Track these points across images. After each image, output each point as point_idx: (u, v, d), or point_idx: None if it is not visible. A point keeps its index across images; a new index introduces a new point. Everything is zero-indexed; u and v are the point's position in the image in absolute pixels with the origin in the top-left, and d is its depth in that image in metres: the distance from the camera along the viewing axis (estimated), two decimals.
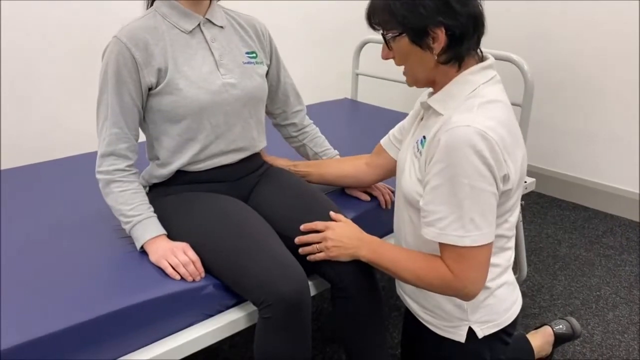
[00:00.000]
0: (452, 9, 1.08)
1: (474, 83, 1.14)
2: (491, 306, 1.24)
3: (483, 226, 1.08)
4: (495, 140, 1.05)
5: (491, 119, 1.08)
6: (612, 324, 2.00)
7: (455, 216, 1.07)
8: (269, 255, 1.22)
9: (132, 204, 1.30)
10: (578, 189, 2.92)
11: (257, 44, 1.48)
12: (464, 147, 1.04)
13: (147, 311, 1.16)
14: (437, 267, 1.14)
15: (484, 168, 1.05)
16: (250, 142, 1.45)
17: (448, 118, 1.10)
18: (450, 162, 1.05)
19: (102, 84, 1.30)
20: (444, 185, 1.07)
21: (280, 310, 1.17)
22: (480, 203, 1.07)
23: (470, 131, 1.04)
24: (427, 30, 1.09)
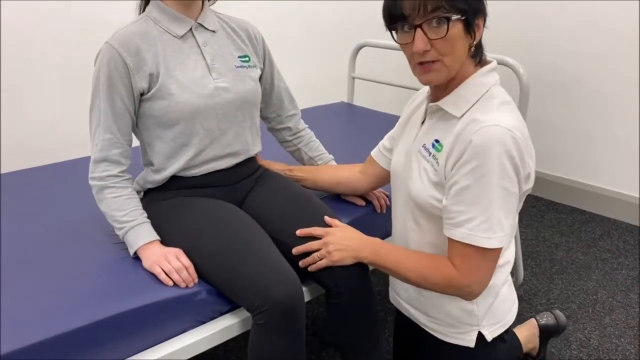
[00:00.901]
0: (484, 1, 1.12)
1: (486, 84, 1.15)
2: (498, 307, 1.26)
3: (506, 228, 1.09)
4: (521, 140, 1.07)
5: (513, 118, 1.09)
6: (609, 328, 1.99)
7: (484, 217, 1.07)
8: (262, 261, 1.21)
9: (126, 210, 1.29)
10: (575, 192, 2.92)
11: (249, 48, 1.47)
12: (495, 146, 1.04)
13: (141, 317, 1.15)
14: (442, 266, 1.14)
15: (512, 169, 1.06)
16: (244, 146, 1.44)
17: (471, 119, 1.10)
18: (482, 162, 1.05)
19: (94, 90, 1.29)
20: (475, 185, 1.07)
21: (275, 316, 1.16)
22: (507, 204, 1.08)
23: (500, 131, 1.05)
24: (478, 18, 1.10)
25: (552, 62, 2.85)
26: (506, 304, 1.29)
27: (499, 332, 1.28)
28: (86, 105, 1.32)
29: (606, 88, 2.71)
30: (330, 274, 1.27)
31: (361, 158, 1.58)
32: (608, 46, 2.65)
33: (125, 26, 1.31)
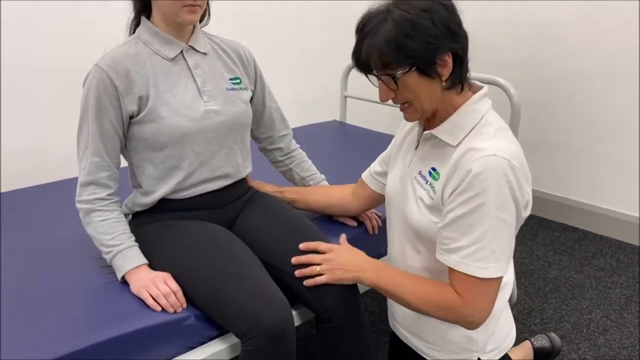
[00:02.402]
0: (454, 32, 1.09)
1: (480, 111, 1.15)
2: (498, 332, 1.26)
3: (502, 258, 1.09)
4: (518, 169, 1.06)
5: (511, 146, 1.09)
6: (603, 349, 1.98)
7: (478, 246, 1.07)
8: (252, 286, 1.19)
9: (113, 234, 1.28)
10: (568, 210, 2.92)
11: (241, 69, 1.47)
12: (494, 177, 1.05)
13: (128, 343, 1.13)
14: (445, 293, 1.13)
15: (510, 200, 1.06)
16: (235, 168, 1.43)
17: (468, 148, 1.09)
18: (480, 192, 1.05)
19: (82, 112, 1.28)
20: (471, 214, 1.07)
21: (264, 342, 1.14)
22: (503, 235, 1.08)
23: (499, 161, 1.05)
24: (436, 58, 1.08)
25: (543, 82, 2.86)
26: (505, 328, 1.29)
27: (498, 357, 1.27)
28: (74, 126, 1.30)
29: (597, 107, 2.72)
30: (320, 298, 1.26)
31: (353, 177, 1.57)
32: (599, 66, 2.67)
33: (114, 48, 1.31)
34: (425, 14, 1.06)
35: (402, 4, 1.08)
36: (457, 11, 1.12)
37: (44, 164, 2.08)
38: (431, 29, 1.06)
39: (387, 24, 1.07)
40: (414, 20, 1.06)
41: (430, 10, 1.06)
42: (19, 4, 1.93)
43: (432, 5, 1.07)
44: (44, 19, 1.99)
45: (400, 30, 1.06)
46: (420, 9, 1.06)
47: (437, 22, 1.06)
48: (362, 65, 1.12)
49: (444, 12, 1.08)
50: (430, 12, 1.06)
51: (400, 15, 1.06)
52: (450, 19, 1.09)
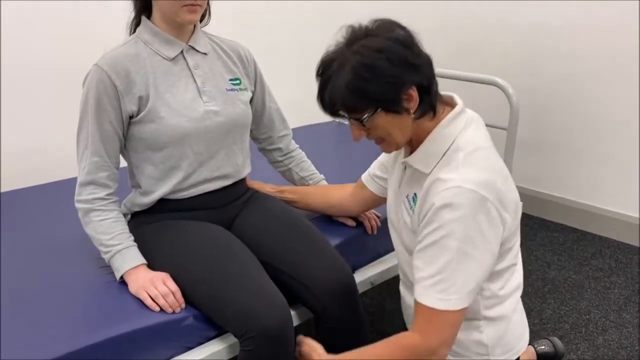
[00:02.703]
0: (414, 65, 1.07)
1: (450, 136, 1.13)
2: (509, 335, 1.25)
3: (464, 290, 1.08)
4: (486, 197, 1.05)
5: (479, 168, 1.08)
6: (602, 349, 1.98)
7: (439, 278, 1.07)
8: (251, 286, 1.20)
9: (112, 234, 1.28)
10: (566, 210, 2.92)
11: (241, 70, 1.47)
12: (457, 209, 1.04)
13: (127, 343, 1.14)
14: (401, 340, 1.13)
15: (475, 231, 1.05)
16: (234, 168, 1.43)
17: (435, 178, 1.09)
18: (441, 224, 1.05)
19: (82, 112, 1.28)
20: (433, 245, 1.07)
21: (263, 342, 1.15)
22: (466, 267, 1.07)
23: (463, 192, 1.04)
24: (400, 95, 1.07)
25: (543, 82, 2.87)
26: (517, 331, 1.28)
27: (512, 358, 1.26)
28: (74, 126, 1.31)
29: (596, 107, 2.72)
30: (319, 298, 1.26)
31: (352, 177, 1.57)
32: (599, 66, 2.67)
33: (114, 48, 1.31)
34: (380, 55, 1.04)
35: (357, 47, 1.06)
36: (414, 40, 1.10)
37: (43, 163, 2.08)
38: (389, 69, 1.04)
39: (345, 70, 1.05)
40: (371, 64, 1.04)
41: (385, 50, 1.04)
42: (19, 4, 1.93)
43: (387, 43, 1.05)
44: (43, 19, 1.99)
45: (359, 76, 1.05)
46: (374, 50, 1.05)
47: (394, 60, 1.04)
48: (329, 110, 1.11)
49: (399, 48, 1.06)
50: (385, 51, 1.04)
51: (356, 60, 1.05)
52: (408, 53, 1.06)
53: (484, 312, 1.20)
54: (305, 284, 1.28)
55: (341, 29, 1.12)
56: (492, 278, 1.17)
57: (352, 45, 1.08)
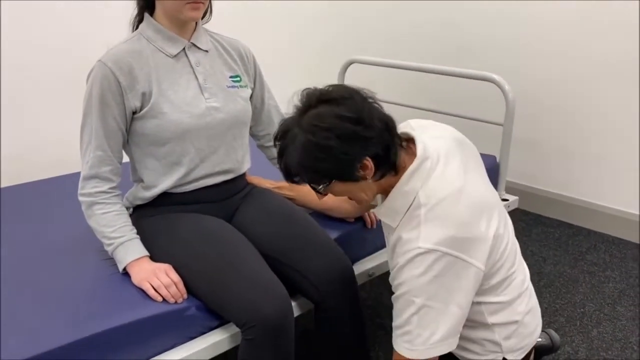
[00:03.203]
0: (364, 137, 1.07)
1: (411, 193, 1.13)
2: (521, 334, 1.27)
3: (431, 341, 1.11)
4: (449, 252, 1.07)
5: (441, 225, 1.08)
6: (596, 341, 2.01)
7: (405, 329, 1.12)
8: (252, 277, 1.22)
9: (115, 226, 1.30)
10: (562, 206, 2.95)
11: (241, 67, 1.50)
12: (414, 268, 1.07)
13: (130, 333, 1.17)
14: None
15: (437, 286, 1.08)
16: (235, 164, 1.46)
17: (399, 237, 1.12)
18: (402, 282, 1.10)
19: (86, 108, 1.31)
20: (400, 299, 1.12)
21: (264, 331, 1.18)
22: (430, 321, 1.10)
23: (421, 253, 1.07)
24: (354, 167, 1.09)
25: (538, 81, 2.90)
26: (529, 329, 1.30)
27: (522, 356, 1.29)
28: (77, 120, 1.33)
29: (591, 106, 2.76)
30: (318, 289, 1.29)
31: None
32: (595, 66, 2.70)
33: (118, 44, 1.33)
34: (329, 134, 1.05)
35: (307, 124, 1.07)
36: (364, 112, 1.08)
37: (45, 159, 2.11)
38: (340, 147, 1.06)
39: (296, 147, 1.08)
40: (320, 144, 1.06)
41: (334, 128, 1.05)
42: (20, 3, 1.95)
43: (334, 121, 1.06)
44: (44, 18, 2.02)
45: (310, 155, 1.07)
46: (324, 130, 1.06)
47: (345, 138, 1.06)
48: (287, 177, 1.15)
49: (347, 125, 1.06)
50: (334, 129, 1.05)
51: (307, 139, 1.06)
52: (358, 129, 1.07)
53: (491, 319, 1.23)
54: (305, 274, 1.31)
55: (296, 93, 1.14)
56: (486, 292, 1.20)
57: (304, 114, 1.10)
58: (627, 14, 2.54)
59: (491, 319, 1.22)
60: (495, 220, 1.15)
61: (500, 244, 1.17)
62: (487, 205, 1.15)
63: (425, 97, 1.16)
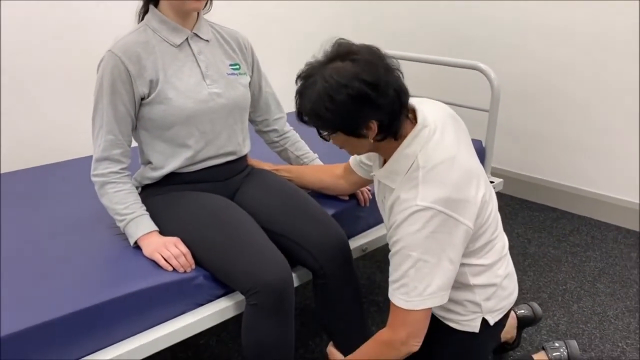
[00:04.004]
0: (376, 103, 1.15)
1: (411, 156, 1.23)
2: (499, 297, 1.39)
3: (426, 292, 1.21)
4: (443, 210, 1.17)
5: (437, 185, 1.18)
6: (576, 315, 2.13)
7: (402, 282, 1.22)
8: (254, 247, 1.33)
9: (126, 203, 1.40)
10: (546, 191, 3.07)
11: (240, 56, 1.60)
12: (411, 225, 1.18)
13: (143, 299, 1.27)
14: (378, 337, 1.30)
15: (433, 242, 1.18)
16: (237, 147, 1.56)
17: (398, 196, 1.22)
18: (399, 238, 1.20)
19: (97, 95, 1.40)
20: (397, 255, 1.22)
21: (267, 296, 1.28)
22: (425, 274, 1.20)
23: (418, 211, 1.17)
24: (359, 126, 1.18)
25: (525, 70, 3.01)
26: (506, 291, 1.42)
27: (499, 317, 1.41)
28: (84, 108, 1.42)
29: (573, 94, 2.87)
30: (316, 258, 1.40)
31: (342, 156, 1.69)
32: (577, 55, 2.82)
33: (125, 35, 1.43)
34: (343, 90, 1.13)
35: (328, 73, 1.15)
36: (382, 79, 1.15)
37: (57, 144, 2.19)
38: (347, 105, 1.14)
39: (313, 92, 1.16)
40: (333, 97, 1.13)
41: (349, 86, 1.13)
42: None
43: (352, 81, 1.13)
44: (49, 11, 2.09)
45: (321, 102, 1.15)
46: (340, 84, 1.13)
47: (355, 98, 1.13)
48: (300, 117, 1.23)
49: (363, 87, 1.13)
50: (349, 87, 1.13)
51: (323, 86, 1.14)
52: (372, 94, 1.14)
53: (473, 281, 1.34)
54: (303, 246, 1.42)
55: (332, 40, 1.21)
56: (471, 254, 1.31)
57: (329, 63, 1.18)
58: (613, 7, 2.64)
59: (473, 280, 1.33)
60: (482, 188, 1.27)
61: (486, 209, 1.28)
62: (475, 173, 1.26)
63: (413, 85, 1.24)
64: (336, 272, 1.41)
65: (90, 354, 1.22)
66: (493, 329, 1.40)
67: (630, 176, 2.79)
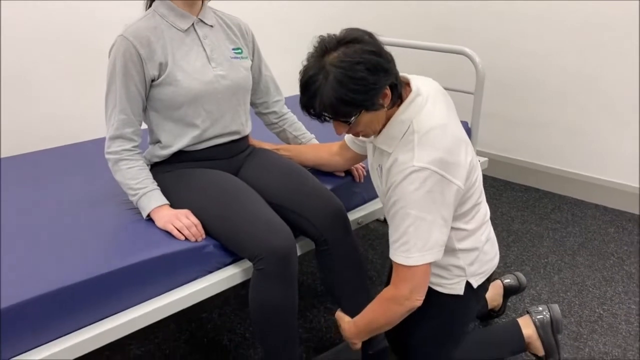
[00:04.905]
0: (384, 68, 1.26)
1: (406, 122, 1.33)
2: (482, 261, 1.51)
3: (426, 248, 1.31)
4: (437, 171, 1.27)
5: (431, 148, 1.28)
6: (557, 285, 2.27)
7: (403, 241, 1.32)
8: (260, 217, 1.44)
9: (138, 179, 1.50)
10: (529, 173, 3.22)
11: (241, 41, 1.69)
12: (409, 184, 1.28)
13: (158, 265, 1.37)
14: (383, 295, 1.39)
15: (429, 200, 1.28)
16: (240, 126, 1.66)
17: (395, 159, 1.32)
18: (400, 198, 1.30)
19: (110, 77, 1.49)
20: (396, 215, 1.32)
21: (272, 261, 1.39)
22: (425, 230, 1.30)
23: (415, 171, 1.27)
24: (378, 97, 1.27)
25: (507, 58, 3.14)
26: (488, 256, 1.54)
27: (481, 281, 1.53)
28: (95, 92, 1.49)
29: (554, 81, 3.01)
30: (316, 227, 1.51)
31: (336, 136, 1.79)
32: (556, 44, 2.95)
33: (135, 21, 1.52)
34: (359, 66, 1.22)
35: (336, 62, 1.23)
36: (381, 47, 1.27)
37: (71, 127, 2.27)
38: (369, 78, 1.23)
39: (330, 83, 1.22)
40: (353, 76, 1.21)
41: (362, 62, 1.22)
42: None
43: (361, 55, 1.22)
44: None
45: (346, 87, 1.22)
46: (353, 63, 1.21)
47: (372, 69, 1.23)
48: (316, 117, 1.30)
49: (373, 57, 1.23)
50: (363, 62, 1.22)
51: (340, 73, 1.21)
52: (381, 61, 1.24)
53: (457, 245, 1.45)
54: (304, 216, 1.53)
55: (313, 39, 1.30)
56: (459, 218, 1.42)
57: (326, 55, 1.25)
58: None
59: (459, 244, 1.44)
60: (470, 154, 1.38)
61: (473, 174, 1.40)
62: (464, 141, 1.38)
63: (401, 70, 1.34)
64: (336, 239, 1.52)
65: (112, 315, 1.32)
66: (476, 291, 1.52)
67: (607, 157, 2.94)
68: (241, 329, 2.01)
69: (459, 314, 1.56)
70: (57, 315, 1.23)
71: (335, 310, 1.63)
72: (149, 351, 1.90)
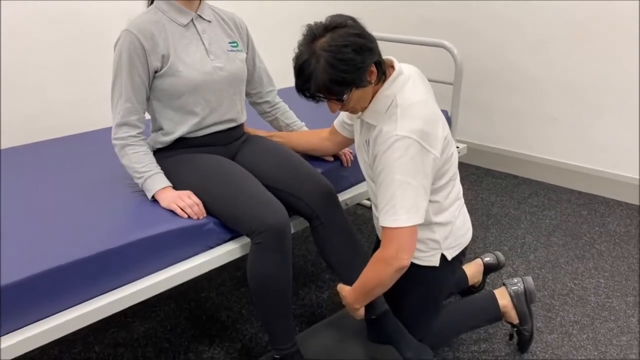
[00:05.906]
0: (369, 47, 1.39)
1: (390, 96, 1.47)
2: (455, 234, 1.64)
3: (412, 210, 1.42)
4: (418, 140, 1.39)
5: (412, 119, 1.41)
6: (533, 263, 2.43)
7: (390, 205, 1.43)
8: (257, 197, 1.57)
9: (143, 162, 1.62)
10: (508, 160, 3.38)
11: (237, 35, 1.82)
12: (394, 152, 1.40)
13: (163, 241, 1.48)
14: (374, 258, 1.50)
15: (412, 166, 1.40)
16: (236, 115, 1.79)
17: (380, 129, 1.45)
18: (385, 166, 1.43)
19: (116, 69, 1.60)
20: (383, 182, 1.44)
21: (269, 236, 1.52)
22: (409, 194, 1.41)
23: (398, 139, 1.39)
24: (366, 74, 1.40)
25: (485, 49, 3.29)
26: (461, 231, 1.67)
27: (455, 253, 1.66)
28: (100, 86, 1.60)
29: (528, 70, 3.17)
30: (309, 205, 1.65)
31: (325, 123, 1.93)
32: (533, 36, 3.10)
33: (139, 16, 1.64)
34: (346, 49, 1.35)
35: (325, 46, 1.35)
36: (364, 29, 1.40)
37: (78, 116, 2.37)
38: (357, 58, 1.35)
39: (322, 66, 1.35)
40: (342, 57, 1.34)
41: (349, 44, 1.35)
42: None
43: (347, 38, 1.35)
44: None
45: (337, 69, 1.35)
46: (341, 46, 1.34)
47: (358, 50, 1.36)
48: (311, 97, 1.43)
49: (358, 39, 1.37)
50: (349, 45, 1.35)
51: (330, 56, 1.34)
52: (365, 41, 1.37)
53: (434, 219, 1.59)
54: (298, 196, 1.66)
55: (301, 28, 1.43)
56: (436, 191, 1.56)
57: (315, 41, 1.37)
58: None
59: (435, 218, 1.58)
60: (446, 130, 1.52)
61: (449, 149, 1.53)
62: (441, 117, 1.52)
63: None
64: (328, 215, 1.66)
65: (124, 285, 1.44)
66: (451, 263, 1.66)
67: (581, 144, 3.11)
68: (237, 307, 2.14)
69: (436, 284, 1.70)
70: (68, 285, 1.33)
71: (326, 288, 1.76)
72: (152, 327, 2.02)
